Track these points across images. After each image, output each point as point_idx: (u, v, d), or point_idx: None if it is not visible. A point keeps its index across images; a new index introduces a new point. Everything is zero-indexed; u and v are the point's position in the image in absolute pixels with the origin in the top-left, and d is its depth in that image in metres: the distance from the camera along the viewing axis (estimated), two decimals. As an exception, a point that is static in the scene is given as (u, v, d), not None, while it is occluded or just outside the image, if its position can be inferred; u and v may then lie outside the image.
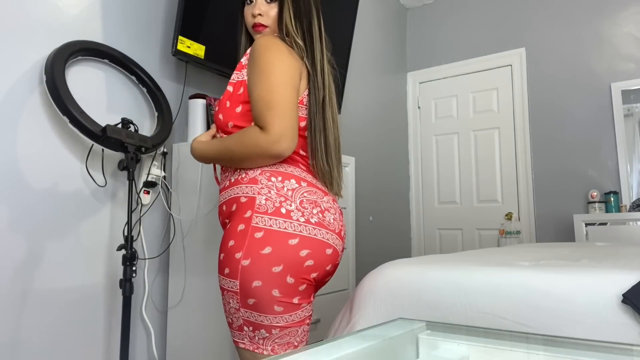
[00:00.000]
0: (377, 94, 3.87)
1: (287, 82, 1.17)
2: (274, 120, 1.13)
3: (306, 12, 1.31)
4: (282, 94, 1.15)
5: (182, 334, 1.96)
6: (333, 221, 1.21)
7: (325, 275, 1.22)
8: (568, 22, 3.62)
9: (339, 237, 1.23)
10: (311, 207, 1.18)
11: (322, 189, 1.25)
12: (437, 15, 4.26)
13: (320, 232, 1.17)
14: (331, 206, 1.23)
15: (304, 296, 1.18)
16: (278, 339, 1.15)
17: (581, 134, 3.50)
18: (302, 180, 1.21)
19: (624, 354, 0.69)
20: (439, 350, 0.81)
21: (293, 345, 1.18)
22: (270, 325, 1.14)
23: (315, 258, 1.15)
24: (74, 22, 1.83)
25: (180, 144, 2.10)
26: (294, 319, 1.16)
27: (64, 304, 1.74)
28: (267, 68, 1.17)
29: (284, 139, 1.13)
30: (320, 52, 1.30)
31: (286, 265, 1.12)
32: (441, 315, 1.08)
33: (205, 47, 2.13)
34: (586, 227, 3.14)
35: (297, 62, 1.23)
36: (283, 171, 1.20)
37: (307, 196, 1.18)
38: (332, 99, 1.31)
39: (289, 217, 1.14)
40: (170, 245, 2.07)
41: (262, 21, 1.32)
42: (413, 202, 4.22)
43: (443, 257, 1.41)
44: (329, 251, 1.19)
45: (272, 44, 1.21)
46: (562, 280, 0.99)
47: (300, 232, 1.14)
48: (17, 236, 1.62)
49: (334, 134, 1.29)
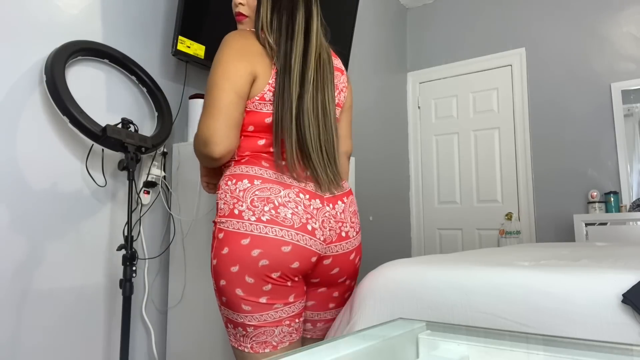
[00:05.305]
0: (377, 94, 3.87)
1: (225, 84, 1.16)
2: (201, 122, 1.18)
3: (288, 5, 1.26)
4: (217, 96, 1.16)
5: (182, 334, 1.96)
6: (291, 216, 1.15)
7: (299, 272, 1.17)
8: (568, 22, 3.62)
9: (303, 231, 1.16)
10: (262, 205, 1.14)
11: (284, 183, 1.19)
12: (437, 15, 4.26)
13: (272, 229, 1.13)
14: (290, 200, 1.16)
15: (275, 297, 1.16)
16: (255, 337, 1.17)
17: (581, 134, 3.50)
18: (255, 178, 1.18)
19: (624, 354, 0.69)
20: (439, 350, 0.81)
21: (271, 345, 1.18)
22: (244, 323, 1.16)
23: (269, 257, 1.13)
24: (74, 22, 1.83)
25: (180, 144, 2.10)
26: (267, 319, 1.16)
27: (64, 304, 1.74)
28: (212, 68, 1.20)
29: (209, 141, 1.15)
30: (301, 47, 1.23)
31: (241, 265, 1.13)
32: (441, 315, 1.08)
33: (205, 47, 2.13)
34: (586, 227, 3.13)
35: (245, 63, 1.18)
36: (238, 173, 1.20)
37: (259, 194, 1.15)
38: (317, 96, 1.24)
39: (241, 218, 1.14)
40: (170, 245, 2.07)
41: (243, 11, 1.33)
42: (413, 202, 4.22)
43: (443, 257, 1.41)
44: (286, 248, 1.14)
45: (225, 42, 1.22)
46: (562, 280, 0.99)
47: (252, 232, 1.13)
48: (17, 236, 1.62)
49: (318, 133, 1.23)
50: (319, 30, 1.29)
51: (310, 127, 1.22)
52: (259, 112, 1.22)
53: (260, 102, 1.21)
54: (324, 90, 1.27)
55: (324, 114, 1.26)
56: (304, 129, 1.21)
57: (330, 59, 1.33)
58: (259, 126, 1.22)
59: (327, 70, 1.29)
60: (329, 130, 1.26)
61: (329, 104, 1.28)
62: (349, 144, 1.49)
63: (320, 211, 1.21)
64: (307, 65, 1.24)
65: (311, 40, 1.26)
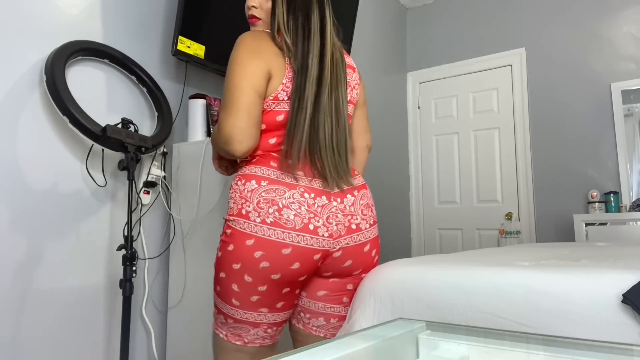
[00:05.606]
0: (377, 94, 3.87)
1: (243, 84, 1.18)
2: (223, 121, 1.19)
3: (302, 6, 1.28)
4: (236, 96, 1.18)
5: (182, 334, 1.96)
6: (294, 217, 1.17)
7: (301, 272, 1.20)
8: (568, 22, 3.62)
9: (304, 232, 1.18)
10: (267, 207, 1.17)
11: (290, 183, 1.21)
12: (437, 15, 4.26)
13: (275, 232, 1.16)
14: (294, 201, 1.19)
15: (265, 300, 1.20)
16: (232, 328, 1.25)
17: (581, 133, 3.50)
18: (262, 179, 1.20)
19: (624, 354, 0.69)
20: (439, 350, 0.80)
21: (242, 341, 1.25)
22: (227, 314, 1.23)
23: (270, 260, 1.16)
24: (74, 22, 1.83)
25: (180, 144, 2.10)
26: (248, 317, 1.22)
27: (64, 303, 1.74)
28: (229, 68, 1.22)
29: (232, 140, 1.18)
30: (318, 48, 1.27)
31: (243, 264, 1.17)
32: (441, 315, 1.08)
33: (205, 47, 2.13)
34: (586, 227, 3.13)
35: (261, 62, 1.21)
36: (248, 173, 1.23)
37: (265, 195, 1.18)
38: (333, 95, 1.28)
39: (248, 218, 1.18)
40: (170, 245, 2.07)
41: (256, 13, 1.35)
42: (413, 202, 4.22)
43: (443, 257, 1.41)
44: (286, 251, 1.16)
45: (240, 42, 1.24)
46: (562, 280, 0.99)
47: (256, 233, 1.17)
48: (17, 236, 1.62)
49: (331, 131, 1.26)
50: (332, 30, 1.33)
51: (325, 126, 1.26)
52: (271, 110, 1.24)
53: (273, 102, 1.24)
54: (337, 89, 1.30)
55: (337, 112, 1.29)
56: (318, 127, 1.24)
57: (343, 58, 1.36)
58: (271, 124, 1.25)
59: (341, 69, 1.32)
60: (341, 128, 1.30)
61: (342, 102, 1.31)
62: (368, 137, 1.51)
63: (326, 207, 1.23)
64: (323, 65, 1.27)
65: (326, 40, 1.29)
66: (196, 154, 2.00)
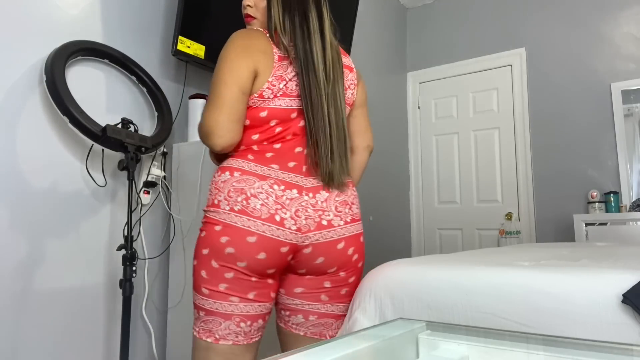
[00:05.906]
0: (377, 94, 3.87)
1: (228, 80, 1.21)
2: (205, 115, 1.22)
3: (299, 5, 1.29)
4: (220, 91, 1.21)
5: (182, 334, 1.96)
6: (260, 207, 1.18)
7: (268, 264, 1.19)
8: (568, 22, 3.62)
9: (270, 222, 1.18)
10: (236, 196, 1.20)
11: (261, 175, 1.22)
12: (437, 15, 4.26)
13: (241, 219, 1.18)
14: (262, 191, 1.20)
15: (234, 288, 1.19)
16: (203, 323, 1.22)
17: (581, 134, 3.50)
18: (236, 170, 1.23)
19: (624, 354, 0.69)
20: (439, 350, 0.80)
21: (214, 337, 1.20)
22: (198, 305, 1.23)
23: (235, 246, 1.17)
24: (74, 22, 1.83)
25: (180, 144, 2.10)
26: (218, 308, 1.20)
27: (64, 303, 1.74)
28: (217, 64, 1.25)
29: (212, 134, 1.21)
30: (320, 47, 1.28)
31: (211, 249, 1.19)
32: (441, 315, 1.08)
33: (205, 47, 2.13)
34: (586, 227, 3.13)
35: (249, 60, 1.22)
36: (224, 165, 1.26)
37: (235, 185, 1.21)
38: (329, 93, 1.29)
39: (218, 207, 1.21)
40: (170, 245, 2.07)
41: (251, 12, 1.37)
42: (413, 202, 4.22)
43: (443, 257, 1.41)
44: (251, 239, 1.17)
45: (230, 40, 1.27)
46: (562, 280, 0.99)
47: (224, 220, 1.19)
48: (17, 236, 1.62)
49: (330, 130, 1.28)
50: (329, 29, 1.33)
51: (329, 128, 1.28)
52: (255, 107, 1.26)
53: (259, 99, 1.25)
54: (335, 88, 1.31)
55: (336, 112, 1.30)
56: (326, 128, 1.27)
57: (340, 57, 1.36)
58: (255, 120, 1.26)
59: (338, 69, 1.33)
60: (340, 128, 1.31)
61: (340, 102, 1.32)
62: (369, 137, 1.51)
63: (296, 201, 1.23)
64: (326, 64, 1.28)
65: (326, 40, 1.30)
66: (196, 154, 2.00)
